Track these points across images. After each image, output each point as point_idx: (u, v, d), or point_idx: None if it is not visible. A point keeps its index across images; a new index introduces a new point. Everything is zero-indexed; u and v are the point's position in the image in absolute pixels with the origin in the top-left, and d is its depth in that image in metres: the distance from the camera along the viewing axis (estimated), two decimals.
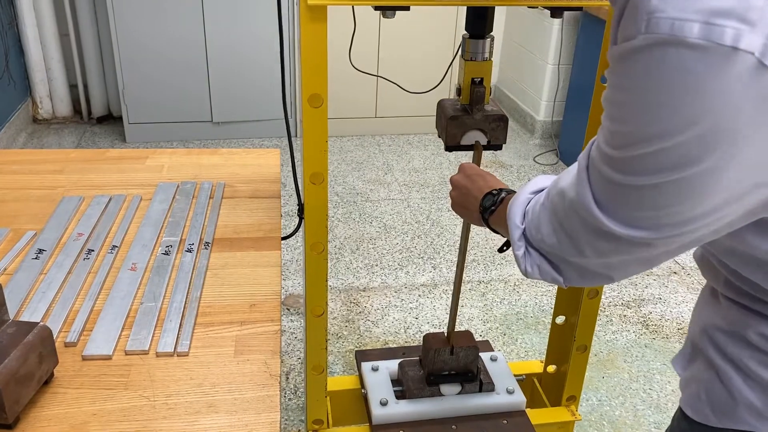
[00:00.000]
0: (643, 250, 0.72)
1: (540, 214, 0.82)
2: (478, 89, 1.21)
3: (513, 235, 0.87)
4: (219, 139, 3.79)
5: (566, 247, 0.79)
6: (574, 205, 0.74)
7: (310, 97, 1.12)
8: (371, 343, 2.34)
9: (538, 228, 0.83)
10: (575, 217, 0.74)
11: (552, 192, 0.80)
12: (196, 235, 1.11)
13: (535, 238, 0.84)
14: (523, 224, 0.87)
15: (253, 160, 1.40)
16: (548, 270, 0.85)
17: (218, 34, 3.53)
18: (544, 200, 0.82)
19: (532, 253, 0.86)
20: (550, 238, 0.81)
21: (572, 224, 0.75)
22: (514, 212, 0.88)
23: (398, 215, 3.14)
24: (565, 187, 0.76)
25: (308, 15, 1.05)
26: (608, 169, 0.68)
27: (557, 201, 0.78)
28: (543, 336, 2.42)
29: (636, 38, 0.60)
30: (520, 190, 0.91)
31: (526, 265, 0.86)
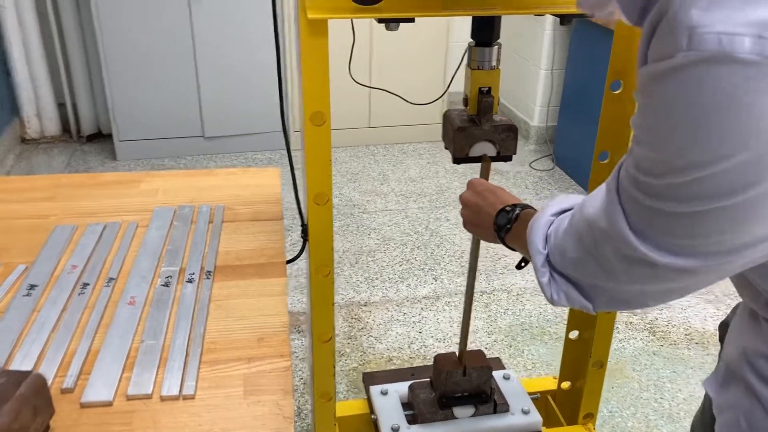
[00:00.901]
0: (684, 277, 0.67)
1: (565, 240, 0.78)
2: (485, 99, 1.16)
3: (536, 261, 0.82)
4: (211, 154, 3.73)
5: (597, 274, 0.75)
6: (606, 233, 0.69)
7: (312, 115, 1.07)
8: (375, 360, 2.28)
9: (564, 254, 0.78)
10: (607, 244, 0.70)
11: (578, 218, 0.75)
12: (196, 264, 1.06)
13: (560, 264, 0.80)
14: (545, 249, 0.82)
15: (252, 179, 1.35)
16: (576, 297, 0.80)
17: (208, 47, 3.47)
18: (568, 226, 0.78)
19: (558, 280, 0.81)
20: (578, 264, 0.76)
21: (604, 252, 0.71)
22: (536, 236, 0.83)
23: (396, 226, 3.09)
24: (593, 214, 0.71)
25: (308, 29, 1.00)
26: (643, 195, 0.64)
27: (584, 228, 0.73)
28: (549, 347, 2.37)
29: (675, 56, 0.55)
30: (540, 213, 0.86)
31: (551, 292, 0.82)
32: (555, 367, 2.31)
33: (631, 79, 1.22)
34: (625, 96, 1.25)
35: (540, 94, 3.78)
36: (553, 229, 0.82)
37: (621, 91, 1.26)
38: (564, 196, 0.87)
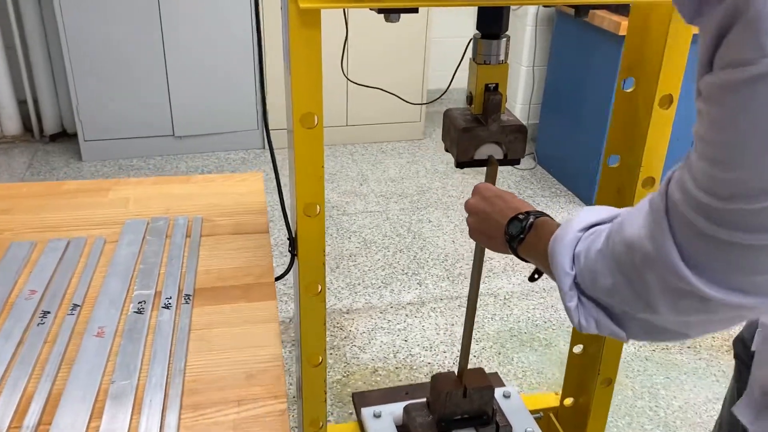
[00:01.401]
0: (740, 312, 0.58)
1: (597, 262, 0.68)
2: (493, 97, 1.06)
3: (562, 283, 0.72)
4: (182, 153, 3.58)
5: (635, 304, 0.65)
6: (650, 260, 0.59)
7: (302, 116, 0.96)
8: (359, 372, 2.17)
9: (595, 278, 0.68)
10: (651, 273, 0.60)
11: (614, 239, 0.65)
12: (173, 286, 0.93)
13: (590, 288, 0.70)
14: (573, 270, 0.72)
15: (232, 187, 1.23)
16: (607, 324, 0.71)
17: (178, 43, 3.31)
18: (603, 246, 0.68)
19: (587, 304, 0.72)
20: (613, 291, 0.67)
21: (646, 281, 0.61)
22: (561, 255, 0.73)
23: (378, 229, 2.99)
24: (635, 236, 0.61)
25: (299, 20, 0.88)
26: (704, 221, 0.54)
27: (622, 252, 0.63)
28: (539, 354, 2.29)
29: (757, 63, 0.46)
30: (566, 227, 0.76)
31: (579, 318, 0.72)
32: (546, 375, 2.23)
33: (645, 76, 1.12)
34: (637, 94, 1.16)
35: (521, 91, 3.70)
36: (582, 248, 0.72)
37: (633, 89, 1.17)
38: (592, 209, 0.77)
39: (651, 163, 1.14)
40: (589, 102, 3.11)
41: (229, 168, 3.47)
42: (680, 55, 1.06)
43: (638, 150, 1.17)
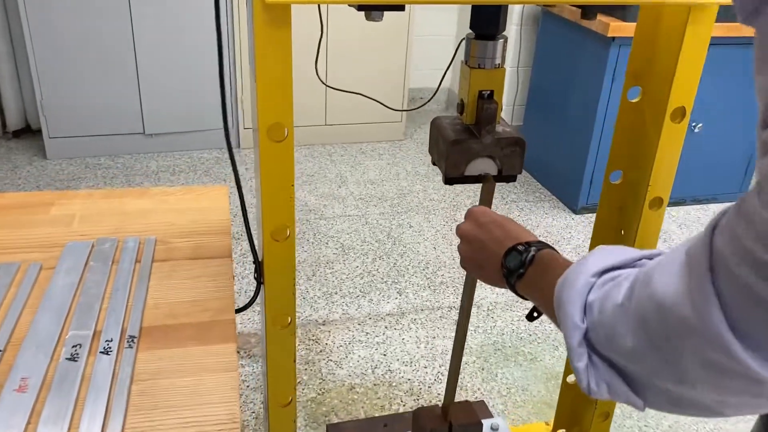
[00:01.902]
0: None
1: (616, 319, 0.56)
2: (488, 106, 0.94)
3: (570, 337, 0.61)
4: (152, 152, 3.42)
5: (662, 373, 0.54)
6: (688, 328, 0.48)
7: (270, 128, 0.83)
8: (335, 389, 2.05)
9: (613, 337, 0.56)
10: (688, 342, 0.48)
11: (641, 294, 0.53)
12: (115, 326, 0.80)
13: (605, 346, 0.58)
14: (584, 323, 0.60)
15: (193, 202, 1.09)
16: (622, 390, 0.59)
17: (148, 36, 3.15)
18: (624, 300, 0.56)
19: (599, 365, 0.60)
20: (635, 355, 0.55)
21: (680, 350, 0.50)
22: (571, 304, 0.61)
23: (356, 234, 2.86)
24: (667, 295, 0.49)
25: (266, 17, 0.76)
26: (765, 284, 0.42)
27: (650, 312, 0.51)
28: (524, 369, 2.18)
29: None
30: (576, 270, 0.64)
31: (589, 381, 0.60)
32: (531, 392, 2.12)
33: (654, 85, 1.01)
34: (643, 105, 1.05)
35: (505, 93, 3.60)
36: (597, 298, 0.60)
37: (640, 98, 1.05)
38: (606, 249, 0.65)
39: (659, 182, 1.03)
40: (576, 105, 3.00)
41: (201, 167, 3.33)
42: (696, 63, 0.94)
43: (644, 166, 1.06)
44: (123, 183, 3.13)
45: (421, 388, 2.07)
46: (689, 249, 0.50)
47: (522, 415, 2.00)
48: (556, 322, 0.70)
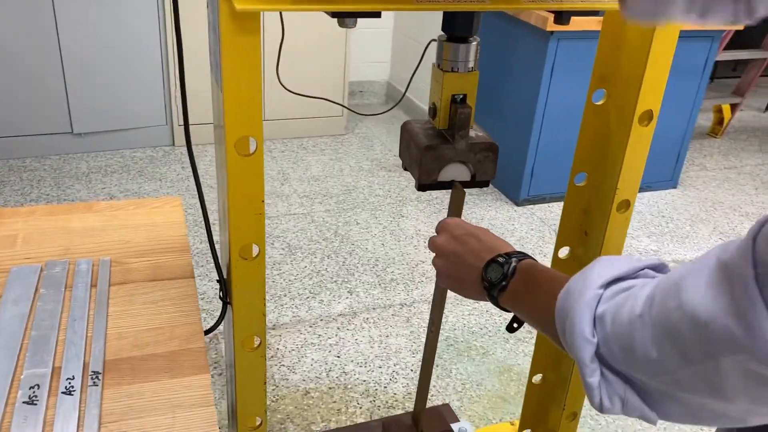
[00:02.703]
0: None
1: (636, 331, 0.54)
2: (461, 110, 0.91)
3: (581, 352, 0.59)
4: (82, 152, 3.25)
5: (691, 385, 0.52)
6: (733, 342, 0.46)
7: (237, 141, 0.77)
8: (290, 395, 2.00)
9: (631, 350, 0.55)
10: (731, 355, 0.47)
11: (668, 305, 0.51)
12: (76, 360, 0.73)
13: (621, 360, 0.57)
14: (595, 337, 0.58)
15: (146, 216, 1.02)
16: (637, 404, 0.58)
17: (74, 28, 2.98)
18: (644, 310, 0.54)
19: (611, 380, 0.58)
20: (659, 368, 0.53)
21: (719, 363, 0.48)
22: (580, 317, 0.59)
23: (303, 233, 2.80)
24: (704, 308, 0.48)
25: (234, 25, 0.70)
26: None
27: (682, 324, 0.50)
28: (477, 364, 2.19)
29: None
30: (580, 282, 0.62)
31: (602, 396, 0.59)
32: (485, 386, 2.13)
33: (620, 89, 1.01)
34: (609, 107, 1.04)
35: None
36: (608, 310, 0.58)
37: (604, 101, 1.05)
38: (608, 260, 0.63)
39: (627, 185, 1.03)
40: (516, 98, 3.03)
41: (135, 167, 3.19)
42: (663, 67, 0.95)
43: (609, 169, 1.06)
44: (52, 186, 2.97)
45: (377, 388, 2.05)
46: (726, 260, 0.48)
47: (478, 410, 2.01)
48: (549, 334, 0.68)
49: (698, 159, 3.83)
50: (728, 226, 3.10)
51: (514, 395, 2.06)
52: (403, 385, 2.06)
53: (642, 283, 0.58)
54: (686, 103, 3.17)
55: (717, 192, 3.44)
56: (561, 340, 0.64)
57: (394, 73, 4.12)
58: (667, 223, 3.11)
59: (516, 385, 2.10)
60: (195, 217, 2.77)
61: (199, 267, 2.49)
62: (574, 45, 2.77)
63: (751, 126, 4.42)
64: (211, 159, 3.30)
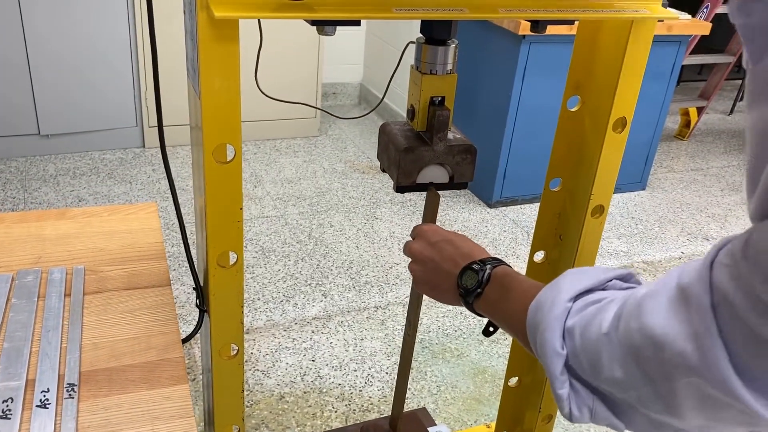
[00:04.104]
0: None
1: (602, 348, 0.56)
2: (440, 112, 0.92)
3: (551, 365, 0.60)
4: (49, 154, 3.19)
5: (650, 403, 0.54)
6: (688, 366, 0.47)
7: (216, 149, 0.77)
8: (264, 400, 1.99)
9: (598, 365, 0.56)
10: (686, 378, 0.48)
11: (630, 326, 0.52)
12: (51, 372, 0.72)
13: (588, 374, 0.58)
14: (564, 349, 0.60)
15: (120, 223, 1.01)
16: (604, 415, 0.60)
17: (40, 28, 2.92)
18: (610, 329, 0.55)
19: (580, 391, 0.60)
20: (623, 384, 0.55)
21: (675, 384, 0.49)
22: (549, 331, 0.60)
23: (276, 235, 2.79)
24: (663, 331, 0.49)
25: (213, 32, 0.70)
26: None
27: (643, 346, 0.51)
28: (452, 365, 2.20)
29: None
30: (550, 294, 0.63)
31: (571, 406, 0.60)
32: (460, 388, 2.14)
33: (594, 96, 1.03)
34: (583, 114, 1.06)
35: None
36: (576, 324, 0.59)
37: (579, 108, 1.06)
38: (578, 272, 0.64)
39: (601, 191, 1.05)
40: (488, 101, 3.05)
41: (104, 170, 3.14)
42: (637, 75, 0.96)
43: (584, 175, 1.07)
44: (18, 189, 2.90)
45: (352, 392, 2.05)
46: (685, 284, 0.49)
47: (453, 412, 2.02)
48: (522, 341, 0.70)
49: (666, 161, 3.91)
50: (695, 227, 3.17)
51: (489, 397, 2.07)
52: (378, 389, 2.06)
53: (611, 296, 0.59)
54: (654, 107, 3.22)
55: (684, 194, 3.51)
56: (533, 351, 0.65)
57: (367, 75, 4.12)
58: (637, 224, 3.16)
59: (490, 387, 2.11)
60: (167, 221, 2.74)
61: (172, 271, 2.46)
62: (546, 48, 2.80)
63: (717, 129, 4.52)
64: (182, 161, 3.27)
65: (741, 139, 4.36)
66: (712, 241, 3.04)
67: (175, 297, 2.34)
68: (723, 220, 3.25)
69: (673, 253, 2.92)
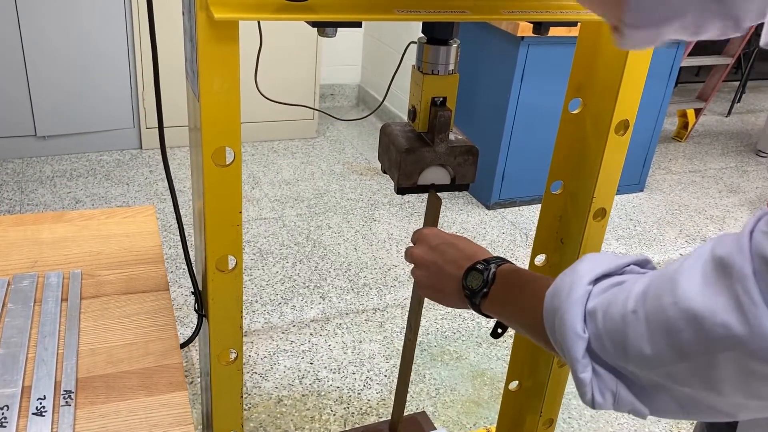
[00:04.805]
0: None
1: (628, 326, 0.54)
2: (441, 113, 0.91)
3: (572, 349, 0.58)
4: (47, 155, 3.18)
5: (686, 379, 0.52)
6: (733, 339, 0.46)
7: (215, 152, 0.76)
8: (263, 403, 1.98)
9: (624, 345, 0.55)
10: (729, 352, 0.47)
11: (664, 301, 0.51)
12: (47, 379, 0.71)
13: (613, 355, 0.57)
14: (586, 332, 0.58)
15: (118, 226, 1.00)
16: (628, 399, 0.58)
17: (37, 27, 2.90)
18: (637, 306, 0.54)
19: (603, 375, 0.58)
20: (653, 362, 0.53)
21: (716, 359, 0.48)
22: (570, 314, 0.59)
23: (274, 237, 2.78)
24: (703, 305, 0.47)
25: (212, 34, 0.69)
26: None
27: (679, 321, 0.49)
28: (451, 368, 2.19)
29: None
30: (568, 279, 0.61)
31: (594, 392, 0.59)
32: (459, 391, 2.13)
33: (596, 98, 1.02)
34: (585, 116, 1.05)
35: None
36: (599, 305, 0.57)
37: (580, 110, 1.06)
38: (594, 256, 0.63)
39: (603, 194, 1.04)
40: (486, 103, 3.05)
41: (101, 171, 3.12)
42: (639, 77, 0.95)
43: (586, 178, 1.06)
44: (15, 190, 2.89)
45: (351, 395, 2.04)
46: (723, 254, 0.47)
47: (452, 415, 2.01)
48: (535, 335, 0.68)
49: (664, 163, 3.90)
50: (694, 229, 3.16)
51: (488, 399, 2.07)
52: (377, 392, 2.05)
53: (633, 278, 0.57)
54: (653, 108, 3.22)
55: (682, 195, 3.51)
56: (551, 339, 0.63)
57: (365, 76, 4.11)
58: (635, 226, 3.16)
59: (489, 390, 2.11)
60: (164, 222, 2.72)
61: (170, 273, 2.45)
62: (545, 50, 2.80)
63: (714, 130, 4.52)
64: (180, 162, 3.25)
65: (738, 140, 4.36)
66: None
67: (173, 299, 2.33)
68: (721, 222, 3.25)
69: (671, 254, 2.92)
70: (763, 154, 4.06)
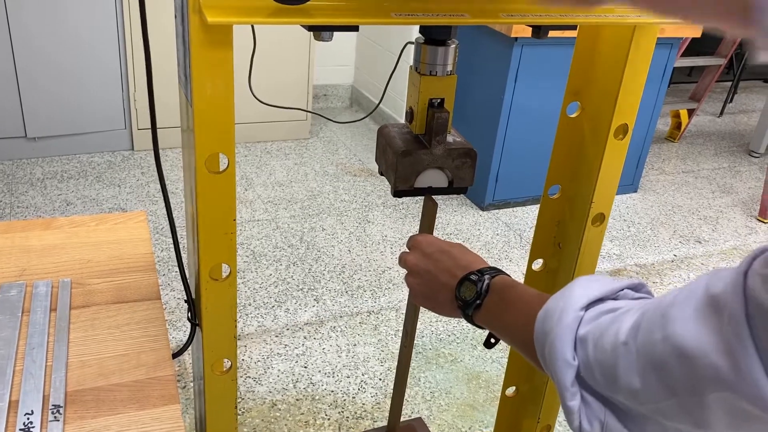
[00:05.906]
0: None
1: (619, 358, 0.53)
2: (439, 115, 0.89)
3: (562, 376, 0.58)
4: (36, 157, 3.15)
5: (673, 416, 0.51)
6: (721, 380, 0.45)
7: (208, 158, 0.74)
8: (256, 408, 1.96)
9: (612, 376, 0.54)
10: (718, 393, 0.46)
11: (655, 336, 0.50)
12: (35, 393, 0.69)
13: (603, 385, 0.56)
14: (575, 360, 0.57)
15: (108, 233, 0.98)
16: (617, 428, 0.57)
17: (27, 28, 2.87)
18: (628, 338, 0.53)
19: (591, 403, 0.57)
20: (642, 396, 0.52)
21: (705, 398, 0.47)
22: (561, 340, 0.58)
23: (267, 239, 2.76)
24: (694, 344, 0.47)
25: (205, 38, 0.67)
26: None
27: (669, 357, 0.49)
28: (446, 371, 2.18)
29: None
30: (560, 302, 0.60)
31: (582, 420, 0.58)
32: (455, 394, 2.12)
33: (595, 102, 1.00)
34: (583, 120, 1.04)
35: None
36: (589, 333, 0.57)
37: (578, 114, 1.04)
38: (587, 280, 0.62)
39: (602, 199, 1.03)
40: (480, 104, 3.04)
41: (93, 173, 3.09)
42: (639, 81, 0.94)
43: (583, 182, 1.05)
44: (4, 192, 2.86)
45: (345, 399, 2.02)
46: (716, 293, 0.47)
47: (447, 419, 2.00)
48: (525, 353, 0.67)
49: (657, 163, 3.90)
50: (687, 230, 3.16)
51: (483, 403, 2.05)
52: (372, 395, 2.03)
53: (626, 306, 0.57)
54: (647, 109, 3.22)
55: (676, 196, 3.51)
56: (540, 362, 0.62)
57: (358, 77, 4.09)
58: (629, 226, 3.15)
59: (485, 393, 2.09)
60: (156, 225, 2.70)
61: (162, 276, 2.42)
62: (538, 51, 2.79)
63: (707, 131, 4.52)
64: (172, 164, 3.23)
65: (731, 140, 4.37)
66: (705, 243, 3.04)
67: (165, 303, 2.31)
68: (714, 223, 3.25)
69: (665, 255, 2.91)
70: (755, 155, 4.06)
